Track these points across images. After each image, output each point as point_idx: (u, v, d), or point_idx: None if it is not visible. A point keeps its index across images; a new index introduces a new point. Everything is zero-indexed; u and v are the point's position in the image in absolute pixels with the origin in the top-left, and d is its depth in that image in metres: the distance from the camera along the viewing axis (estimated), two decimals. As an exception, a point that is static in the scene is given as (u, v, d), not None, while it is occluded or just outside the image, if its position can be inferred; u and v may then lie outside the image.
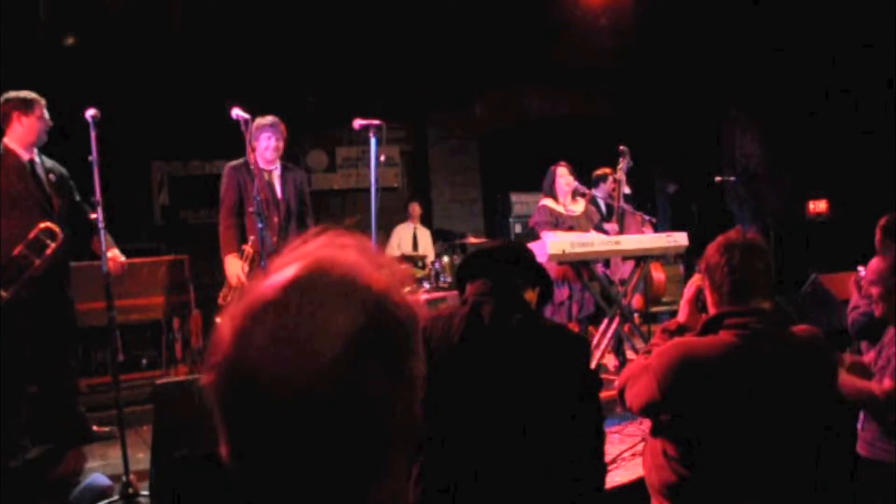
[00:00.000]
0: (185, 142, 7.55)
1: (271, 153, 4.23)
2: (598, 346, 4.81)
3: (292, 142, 4.50)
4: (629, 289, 5.11)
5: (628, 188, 5.75)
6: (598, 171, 5.88)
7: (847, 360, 2.76)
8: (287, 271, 0.70)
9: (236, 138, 3.92)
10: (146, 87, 6.87)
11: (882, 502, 2.51)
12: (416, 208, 7.88)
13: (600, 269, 5.02)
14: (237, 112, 3.80)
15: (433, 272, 6.23)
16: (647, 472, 2.13)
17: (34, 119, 3.75)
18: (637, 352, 4.68)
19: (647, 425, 2.30)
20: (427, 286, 6.02)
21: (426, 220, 8.31)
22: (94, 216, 3.41)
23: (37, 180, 3.78)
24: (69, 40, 6.60)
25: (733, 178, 7.61)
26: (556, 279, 4.90)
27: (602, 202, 5.77)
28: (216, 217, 4.35)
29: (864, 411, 2.64)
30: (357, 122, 3.82)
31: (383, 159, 3.77)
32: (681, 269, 7.84)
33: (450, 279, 6.06)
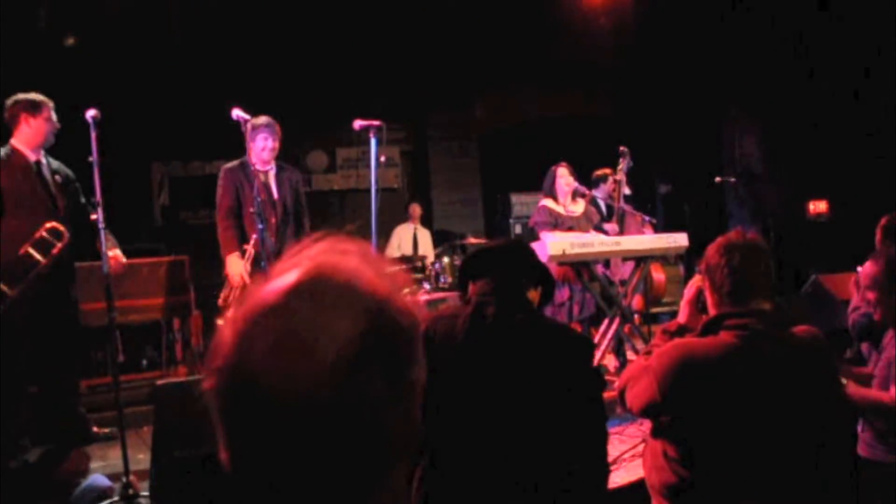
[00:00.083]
0: (186, 142, 7.55)
1: (268, 153, 4.22)
2: (598, 346, 4.80)
3: (292, 142, 4.49)
4: (629, 289, 5.11)
5: (628, 189, 5.74)
6: (598, 172, 5.87)
7: (853, 371, 2.76)
8: (289, 276, 0.70)
9: (236, 139, 3.92)
10: (146, 87, 6.88)
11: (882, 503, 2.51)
12: (416, 209, 7.88)
13: (600, 269, 5.02)
14: (237, 113, 3.81)
15: (433, 273, 6.22)
16: (647, 473, 2.13)
17: (42, 121, 3.79)
18: (637, 353, 4.68)
19: (648, 426, 2.30)
20: (427, 287, 6.01)
21: (426, 220, 8.31)
22: (94, 217, 3.42)
23: (42, 181, 3.81)
24: (69, 41, 6.60)
25: (733, 179, 7.61)
26: (557, 280, 4.89)
27: (602, 203, 5.77)
28: (215, 218, 4.35)
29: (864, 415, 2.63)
30: (357, 123, 3.81)
31: (384, 160, 3.76)
32: (681, 269, 7.84)
33: (450, 280, 6.05)
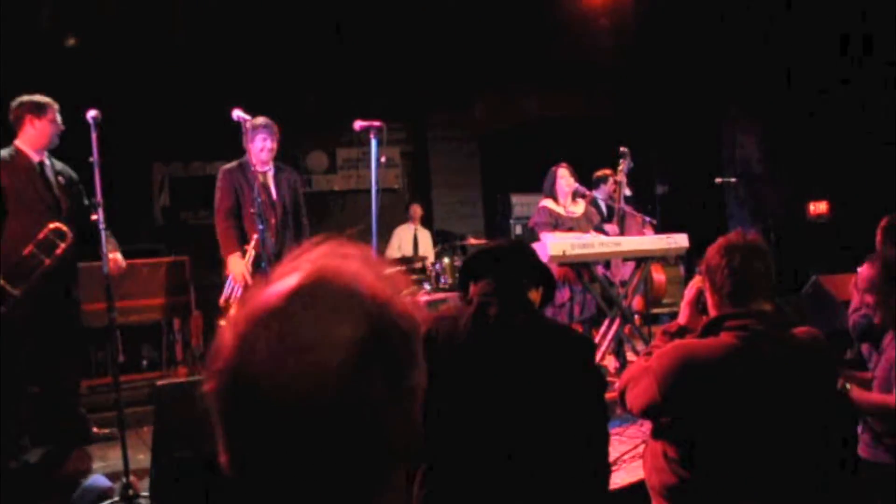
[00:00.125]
0: (186, 143, 7.55)
1: (266, 154, 4.22)
2: (598, 347, 4.80)
3: (292, 143, 4.49)
4: (630, 290, 5.11)
5: (629, 189, 5.74)
6: (598, 173, 5.87)
7: (855, 375, 2.76)
8: (290, 280, 0.70)
9: (237, 140, 3.92)
10: (147, 88, 6.88)
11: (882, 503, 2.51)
12: (416, 209, 7.88)
13: (601, 270, 5.02)
14: (238, 113, 3.81)
15: (434, 273, 6.22)
16: (647, 474, 2.13)
17: (46, 122, 3.80)
18: (637, 353, 4.68)
19: (648, 427, 2.30)
20: (427, 287, 6.01)
21: (426, 221, 8.30)
22: (94, 217, 3.42)
23: (46, 182, 3.82)
24: (70, 41, 6.60)
25: (734, 179, 7.61)
26: (557, 280, 4.89)
27: (602, 203, 5.77)
28: (214, 219, 4.33)
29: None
30: (357, 124, 3.80)
31: (384, 161, 3.76)
32: (681, 270, 7.84)
33: (450, 280, 6.05)
